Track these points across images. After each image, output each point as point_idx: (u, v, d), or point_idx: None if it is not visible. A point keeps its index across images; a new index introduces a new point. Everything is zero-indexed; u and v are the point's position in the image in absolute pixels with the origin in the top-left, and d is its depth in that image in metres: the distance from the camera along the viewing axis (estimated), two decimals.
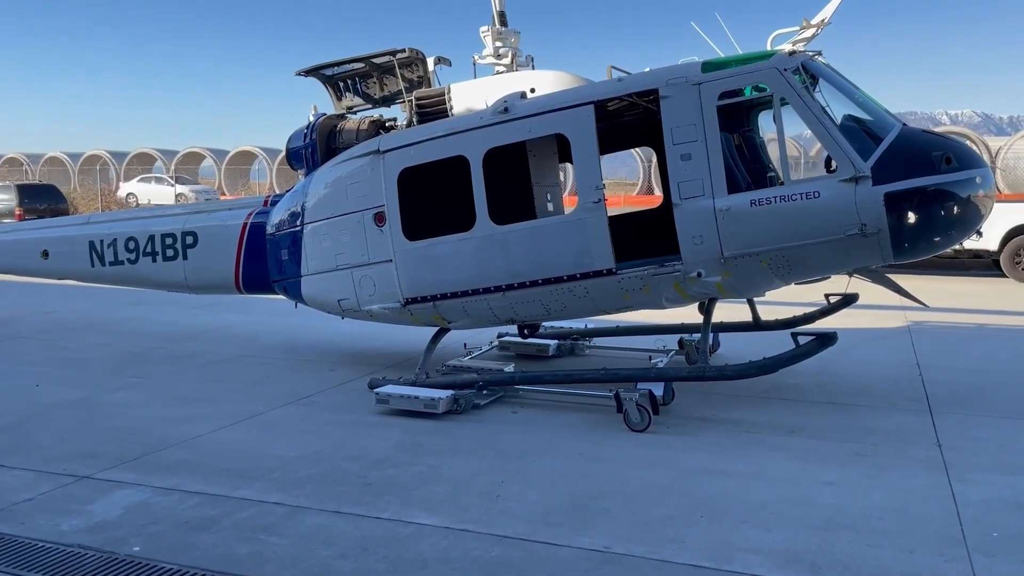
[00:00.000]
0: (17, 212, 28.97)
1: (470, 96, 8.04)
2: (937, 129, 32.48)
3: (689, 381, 7.28)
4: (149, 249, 9.57)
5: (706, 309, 7.55)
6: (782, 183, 7.16)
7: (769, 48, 7.22)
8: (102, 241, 9.87)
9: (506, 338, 9.83)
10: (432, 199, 8.22)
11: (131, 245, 9.68)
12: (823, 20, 7.26)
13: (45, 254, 10.38)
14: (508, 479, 5.70)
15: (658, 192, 34.61)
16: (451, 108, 8.08)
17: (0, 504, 5.26)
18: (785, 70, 6.73)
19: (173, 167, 48.85)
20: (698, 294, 7.32)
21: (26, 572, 4.35)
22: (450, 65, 8.66)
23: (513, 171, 8.60)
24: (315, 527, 4.90)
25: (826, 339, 7.16)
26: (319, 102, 9.01)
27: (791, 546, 4.59)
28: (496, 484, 5.59)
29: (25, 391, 8.26)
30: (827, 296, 8.75)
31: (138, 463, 6.05)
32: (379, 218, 7.88)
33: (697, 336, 9.09)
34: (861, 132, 6.87)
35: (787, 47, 7.16)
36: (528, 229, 7.56)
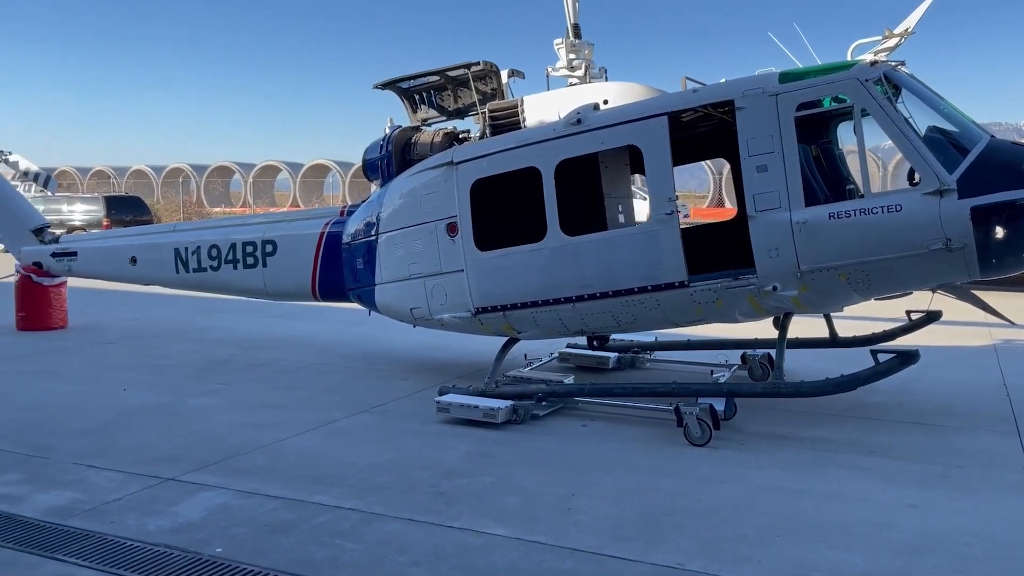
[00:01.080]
0: (105, 222, 30.26)
1: (543, 108, 8.08)
2: None
3: (763, 397, 7.14)
4: (231, 257, 9.85)
5: (781, 324, 7.42)
6: (862, 196, 7.00)
7: (849, 58, 7.07)
8: (187, 248, 10.18)
9: (566, 350, 9.83)
10: (504, 210, 8.28)
11: (214, 252, 9.98)
12: (907, 30, 7.09)
13: (133, 260, 10.74)
14: (579, 492, 5.69)
15: (729, 204, 34.19)
16: (524, 120, 8.13)
17: (91, 504, 5.49)
18: (867, 81, 6.57)
19: (251, 179, 50.27)
20: (773, 308, 7.20)
21: (115, 570, 4.52)
22: (523, 77, 8.75)
23: (585, 182, 8.61)
24: (389, 534, 4.98)
25: (907, 357, 6.90)
26: (394, 114, 9.21)
27: (872, 568, 4.47)
28: (567, 497, 5.59)
29: (113, 395, 8.61)
30: (908, 313, 8.46)
31: (220, 467, 6.24)
32: (451, 228, 7.97)
33: (761, 352, 8.97)
34: (946, 144, 6.66)
35: (868, 57, 7.01)
36: (599, 240, 7.55)
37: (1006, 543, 4.79)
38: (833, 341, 8.81)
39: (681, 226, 7.16)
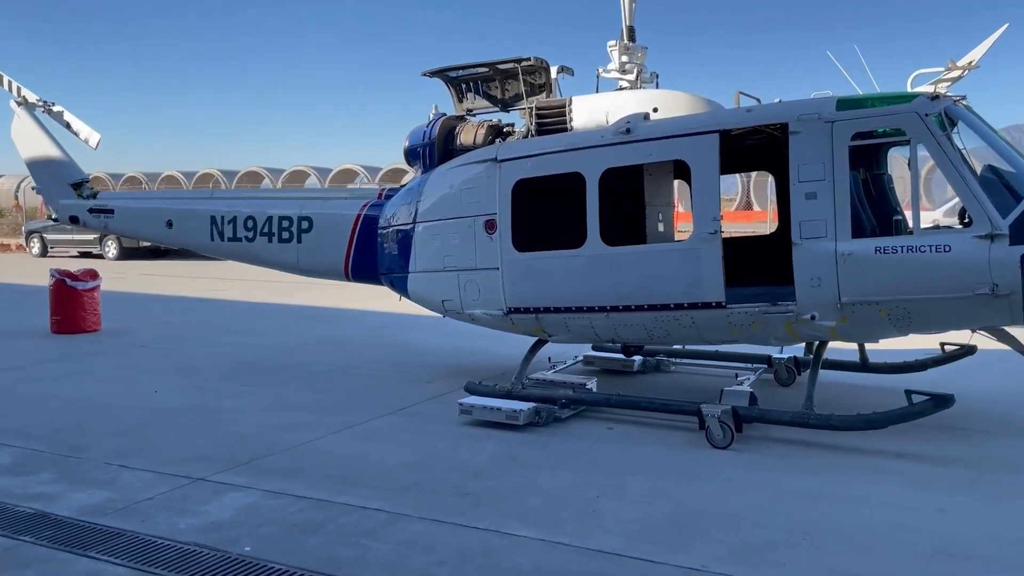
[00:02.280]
0: None
1: (592, 110, 8.01)
2: None
3: (792, 426, 6.88)
4: (266, 229, 9.89)
5: (815, 352, 7.30)
6: (910, 230, 6.87)
7: (909, 88, 6.89)
8: (223, 217, 10.23)
9: (591, 353, 9.82)
10: (544, 212, 8.23)
11: (249, 224, 10.02)
12: (971, 62, 6.92)
13: (169, 224, 10.73)
14: (604, 494, 5.70)
15: (757, 207, 33.94)
16: (571, 120, 8.07)
17: (123, 502, 5.60)
18: (926, 115, 6.40)
19: (280, 184, 50.79)
20: (809, 336, 7.12)
21: (147, 567, 4.61)
22: (572, 74, 8.67)
23: (627, 190, 8.55)
24: (415, 534, 5.02)
25: (942, 401, 6.52)
26: (440, 102, 9.14)
27: (898, 573, 4.43)
28: (592, 499, 5.60)
29: (144, 397, 8.75)
30: (943, 345, 8.28)
31: (248, 467, 6.33)
32: (490, 225, 7.97)
33: (787, 355, 8.89)
34: (1001, 186, 6.47)
35: (928, 88, 6.83)
36: (639, 253, 7.54)
37: None
38: (863, 366, 8.67)
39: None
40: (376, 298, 17.44)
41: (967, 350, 8.17)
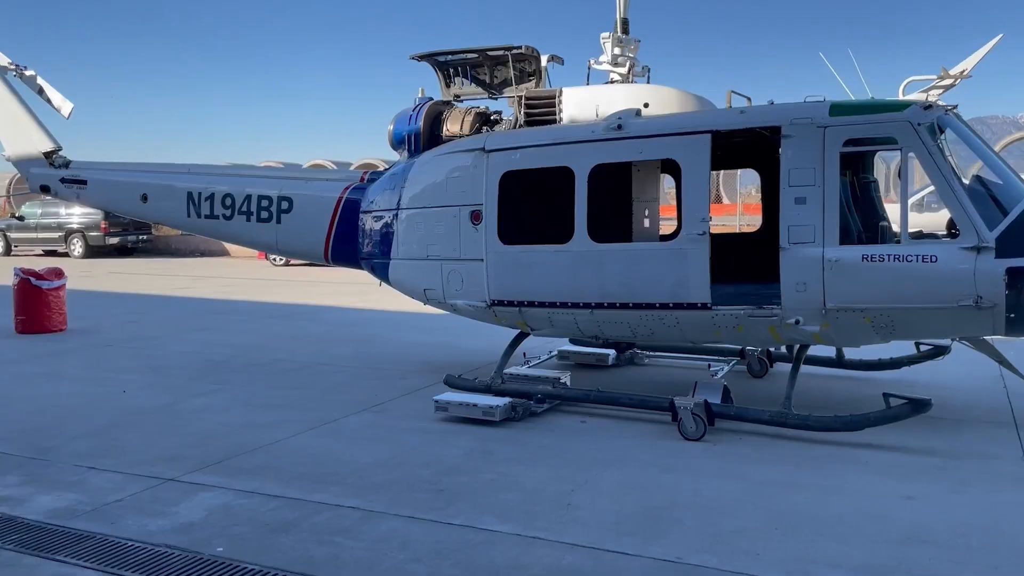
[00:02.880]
0: (103, 226, 30.23)
1: (582, 102, 7.96)
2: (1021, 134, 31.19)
3: (770, 425, 6.87)
4: (245, 208, 9.73)
5: (796, 354, 7.32)
6: (897, 237, 6.89)
7: (901, 94, 6.88)
8: (200, 194, 10.01)
9: (566, 347, 9.83)
10: (531, 205, 8.16)
11: (227, 201, 9.83)
12: (963, 71, 6.96)
13: (144, 198, 10.47)
14: (579, 488, 5.71)
15: (727, 201, 34.14)
16: (561, 111, 8.02)
17: (91, 504, 5.51)
18: (919, 125, 6.41)
19: None
20: (791, 339, 7.17)
21: (116, 570, 4.53)
22: (562, 63, 8.59)
23: (615, 185, 8.50)
24: (389, 531, 5.00)
25: (919, 406, 6.52)
26: (427, 86, 9.02)
27: (870, 560, 4.49)
28: (567, 493, 5.61)
29: (112, 397, 8.62)
30: (918, 344, 8.38)
31: (220, 467, 6.26)
32: (475, 216, 7.91)
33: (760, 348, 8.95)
34: (988, 198, 6.53)
35: (919, 96, 6.84)
36: (626, 251, 7.53)
37: (1003, 534, 4.81)
38: (839, 363, 8.77)
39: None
40: (347, 295, 17.36)
41: (941, 350, 8.26)
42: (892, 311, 6.51)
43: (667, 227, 9.76)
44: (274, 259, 26.09)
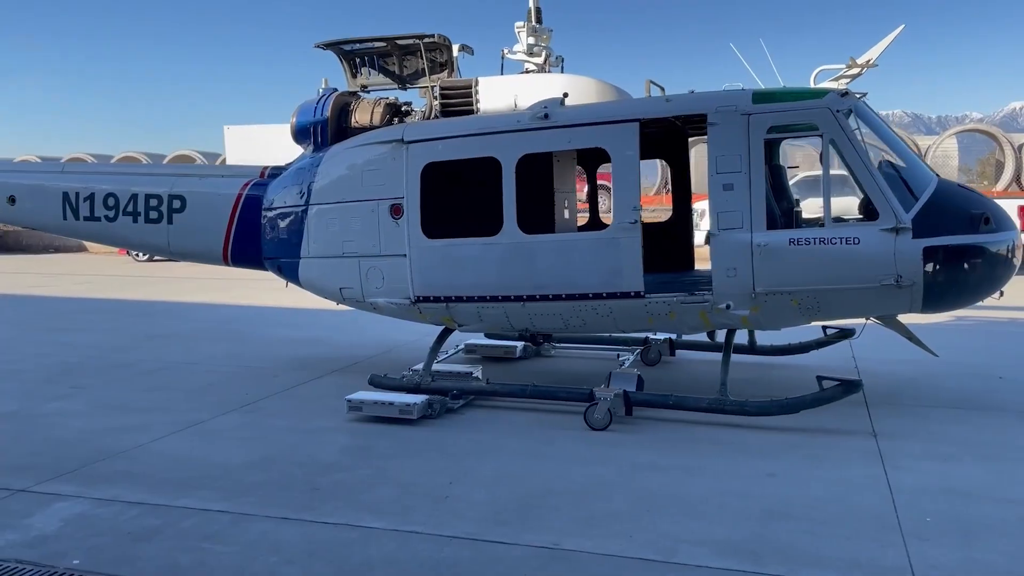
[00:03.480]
0: None
1: (499, 92, 7.85)
2: (966, 125, 33.32)
3: (708, 412, 7.00)
4: (130, 209, 9.06)
5: (726, 339, 7.48)
6: (816, 220, 7.09)
7: (813, 83, 7.12)
8: (78, 194, 9.26)
9: (471, 341, 9.71)
10: (456, 198, 7.96)
11: (110, 202, 9.14)
12: (868, 61, 7.25)
13: (12, 200, 9.58)
14: (456, 480, 5.71)
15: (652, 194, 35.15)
16: (478, 102, 7.89)
17: None
18: (838, 111, 6.67)
19: None
20: (720, 324, 7.31)
21: None
22: (472, 53, 8.40)
23: (537, 176, 8.39)
24: (261, 534, 4.85)
25: (851, 387, 6.87)
26: (330, 76, 8.68)
27: (732, 536, 4.70)
28: (444, 485, 5.60)
29: None
30: (824, 327, 8.73)
31: (76, 475, 5.90)
32: (396, 210, 7.64)
33: (663, 336, 9.15)
34: (899, 181, 6.85)
35: (830, 85, 7.11)
36: (558, 242, 7.50)
37: (854, 505, 5.13)
38: (751, 349, 9.05)
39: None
40: (213, 291, 16.73)
41: (846, 333, 8.65)
42: (818, 292, 6.79)
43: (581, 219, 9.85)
44: (136, 255, 24.79)
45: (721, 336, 8.07)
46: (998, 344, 10.49)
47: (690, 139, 9.15)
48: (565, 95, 7.60)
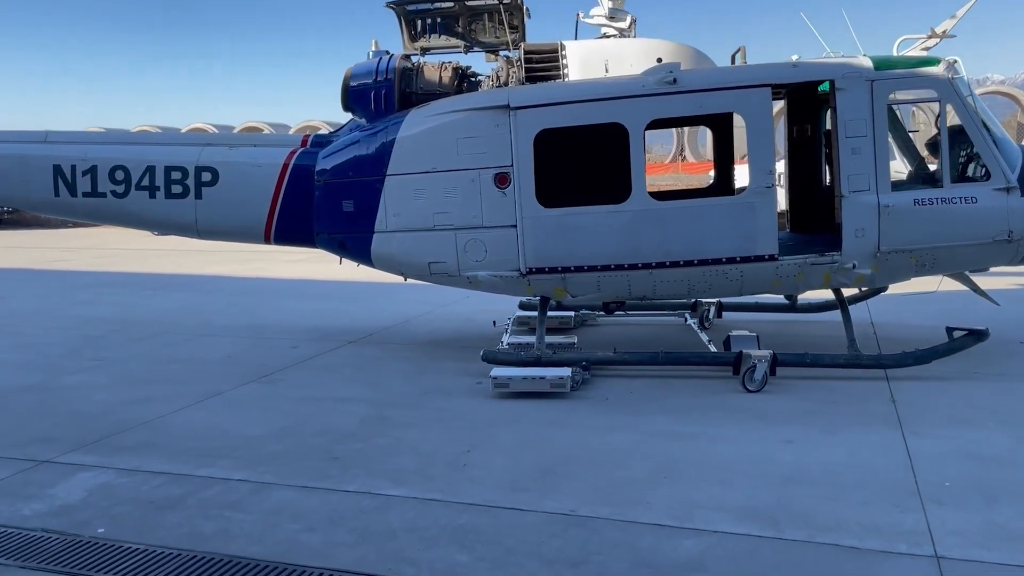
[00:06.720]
0: None
1: (588, 57, 7.69)
2: (987, 87, 33.57)
3: (845, 368, 7.17)
4: (146, 183, 8.19)
5: (840, 299, 7.64)
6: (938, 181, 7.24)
7: (896, 53, 7.36)
8: (74, 167, 8.29)
9: (522, 313, 9.37)
10: (573, 165, 7.77)
11: (119, 175, 8.23)
12: (944, 31, 7.48)
13: None
14: (474, 448, 5.74)
15: (692, 159, 35.11)
16: (565, 67, 7.69)
17: None
18: (952, 78, 7.00)
19: None
20: (839, 284, 7.44)
21: None
22: (530, 17, 8.18)
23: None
24: (281, 502, 4.89)
25: (979, 335, 7.36)
26: (380, 38, 8.42)
27: (751, 502, 4.70)
28: (462, 453, 5.63)
29: None
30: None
31: (99, 446, 5.97)
32: (501, 179, 7.35)
33: (712, 300, 9.16)
34: (1000, 145, 7.19)
35: (916, 52, 7.38)
36: (691, 207, 7.46)
37: (873, 470, 5.11)
38: (792, 307, 9.20)
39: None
40: (229, 263, 16.82)
41: (877, 289, 8.60)
42: (937, 250, 7.11)
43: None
44: None
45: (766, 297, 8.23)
46: (1020, 309, 10.37)
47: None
48: (659, 60, 7.51)
